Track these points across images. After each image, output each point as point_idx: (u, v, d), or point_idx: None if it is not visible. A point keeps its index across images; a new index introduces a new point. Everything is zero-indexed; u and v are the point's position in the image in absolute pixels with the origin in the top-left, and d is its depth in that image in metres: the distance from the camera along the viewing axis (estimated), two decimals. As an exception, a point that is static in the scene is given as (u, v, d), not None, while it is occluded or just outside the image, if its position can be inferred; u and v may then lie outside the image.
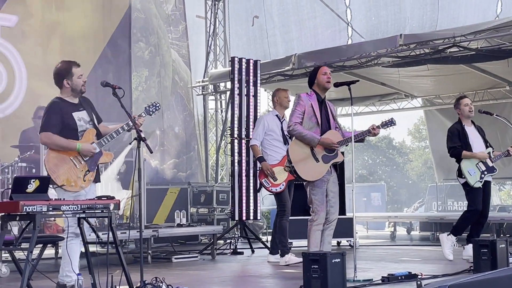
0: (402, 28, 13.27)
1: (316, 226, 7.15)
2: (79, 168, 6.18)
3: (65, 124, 6.20)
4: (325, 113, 7.37)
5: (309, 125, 7.24)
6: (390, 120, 7.56)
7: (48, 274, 6.11)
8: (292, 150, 7.27)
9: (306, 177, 7.21)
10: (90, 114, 6.40)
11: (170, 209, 12.33)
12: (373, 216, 16.49)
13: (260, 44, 15.67)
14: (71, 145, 6.15)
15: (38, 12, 11.99)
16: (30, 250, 5.09)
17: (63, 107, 6.26)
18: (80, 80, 6.31)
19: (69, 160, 6.16)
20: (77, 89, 6.32)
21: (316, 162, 7.19)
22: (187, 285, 5.98)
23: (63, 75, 6.32)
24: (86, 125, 6.33)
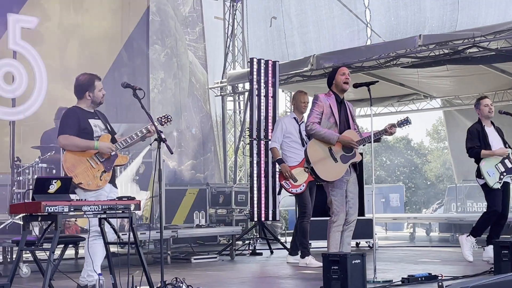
0: (421, 28, 13.23)
1: (335, 227, 7.14)
2: (96, 168, 6.27)
3: (82, 128, 6.32)
4: (344, 114, 7.36)
5: (327, 125, 7.22)
6: (405, 119, 7.56)
7: (68, 274, 6.15)
8: (310, 150, 7.25)
9: (325, 177, 7.19)
10: (105, 124, 6.54)
11: (189, 210, 12.37)
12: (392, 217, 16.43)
13: (278, 45, 15.67)
14: (90, 144, 6.26)
15: (56, 14, 12.05)
16: (52, 250, 5.13)
17: (80, 113, 6.40)
18: (101, 93, 6.48)
19: (86, 160, 6.26)
20: (97, 101, 6.49)
21: (334, 162, 7.18)
22: (206, 286, 6.00)
23: (86, 88, 6.46)
24: (101, 132, 6.45)
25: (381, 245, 12.08)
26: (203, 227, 10.64)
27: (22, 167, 9.37)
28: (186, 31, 15.20)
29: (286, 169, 8.74)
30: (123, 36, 13.13)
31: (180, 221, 12.12)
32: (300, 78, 14.10)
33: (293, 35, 15.50)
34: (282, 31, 15.50)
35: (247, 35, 16.06)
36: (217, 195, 13.61)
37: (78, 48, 12.25)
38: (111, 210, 5.51)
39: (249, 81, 11.44)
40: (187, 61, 15.10)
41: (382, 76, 13.76)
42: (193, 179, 14.47)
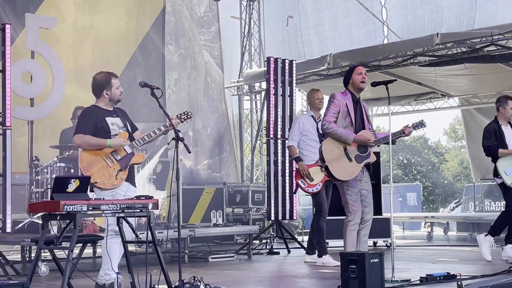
0: (439, 27, 13.16)
1: (352, 226, 7.13)
2: (112, 167, 6.28)
3: (98, 128, 6.34)
4: (360, 113, 7.36)
5: (343, 124, 7.22)
6: (420, 122, 7.57)
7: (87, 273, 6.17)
8: (325, 149, 7.25)
9: (339, 177, 7.19)
10: (123, 121, 6.53)
11: (206, 209, 12.38)
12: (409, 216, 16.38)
13: (294, 44, 15.66)
14: (102, 142, 6.28)
15: (71, 15, 12.09)
16: (71, 249, 5.15)
17: (96, 113, 6.42)
18: (118, 90, 6.48)
19: (102, 159, 6.27)
20: (115, 99, 6.50)
21: (349, 161, 7.18)
22: (224, 285, 6.00)
23: (103, 86, 6.47)
24: (119, 130, 6.45)
25: (399, 244, 12.04)
26: (220, 226, 10.65)
27: (41, 166, 9.41)
28: (201, 31, 15.20)
29: (303, 168, 8.73)
30: (138, 36, 13.16)
31: (197, 220, 12.14)
32: (317, 77, 14.07)
33: (309, 34, 15.48)
34: (298, 30, 15.48)
35: (263, 34, 16.06)
36: (234, 194, 13.61)
37: (92, 49, 12.28)
38: (129, 209, 5.53)
39: (265, 80, 11.43)
40: (202, 61, 15.11)
41: (399, 74, 13.70)
42: (209, 179, 14.48)
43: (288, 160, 10.99)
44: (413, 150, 43.18)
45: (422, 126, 7.56)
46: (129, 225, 5.79)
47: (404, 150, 42.71)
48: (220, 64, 15.64)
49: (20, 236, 8.55)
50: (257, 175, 16.10)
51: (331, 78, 13.82)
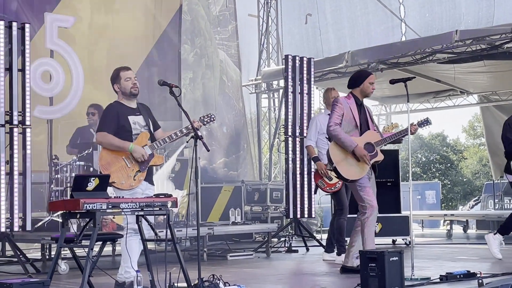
0: (457, 24, 13.10)
1: (371, 221, 7.13)
2: (130, 168, 6.26)
3: (120, 126, 6.31)
4: (364, 115, 7.38)
5: (348, 128, 7.25)
6: (425, 120, 7.61)
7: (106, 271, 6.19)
8: (332, 150, 7.28)
9: (349, 177, 7.21)
10: (146, 120, 6.49)
11: (224, 207, 12.39)
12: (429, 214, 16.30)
13: (312, 42, 15.65)
14: (124, 145, 6.25)
15: (87, 15, 12.13)
16: (91, 247, 5.17)
17: (119, 110, 6.39)
18: (128, 82, 6.40)
19: (121, 159, 6.26)
20: (126, 92, 6.41)
21: (357, 160, 7.18)
22: (243, 283, 6.00)
23: (113, 81, 6.48)
24: (141, 129, 6.42)
25: (418, 242, 11.98)
26: (239, 224, 10.66)
27: (60, 165, 9.46)
28: (216, 30, 15.20)
29: (321, 167, 8.70)
30: (155, 35, 13.18)
31: (215, 219, 12.15)
32: (335, 75, 14.05)
33: (327, 31, 15.46)
34: (317, 28, 15.46)
35: (281, 32, 16.05)
36: (252, 192, 13.61)
37: (108, 49, 12.31)
38: (148, 208, 5.54)
39: (283, 78, 11.42)
40: (217, 60, 15.11)
41: (418, 72, 13.65)
42: (226, 177, 14.46)
43: (306, 158, 10.98)
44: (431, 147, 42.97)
45: (428, 124, 7.61)
46: (148, 223, 5.80)
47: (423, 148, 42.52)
48: (237, 62, 15.64)
49: (40, 234, 8.60)
50: (275, 173, 16.09)
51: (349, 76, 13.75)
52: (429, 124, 7.57)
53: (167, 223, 5.66)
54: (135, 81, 6.45)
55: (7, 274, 7.98)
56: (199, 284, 5.57)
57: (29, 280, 4.56)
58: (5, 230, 8.25)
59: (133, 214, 5.63)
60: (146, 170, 6.35)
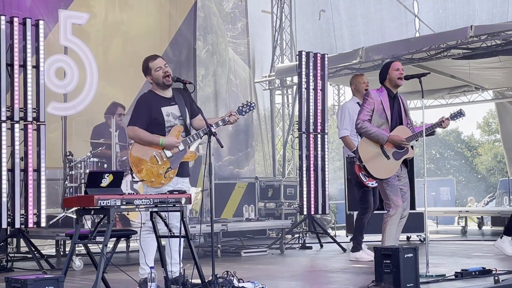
0: (471, 20, 13.02)
1: (393, 220, 7.09)
2: (161, 165, 6.19)
3: (153, 119, 6.21)
4: (397, 109, 7.29)
5: (378, 122, 7.17)
6: (459, 112, 7.46)
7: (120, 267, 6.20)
8: (362, 148, 7.21)
9: (378, 176, 7.16)
10: (182, 109, 6.34)
11: (238, 203, 12.40)
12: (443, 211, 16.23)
13: (326, 38, 15.61)
14: (155, 140, 6.16)
15: (102, 12, 12.16)
16: (105, 244, 5.16)
17: (152, 101, 6.26)
18: (159, 72, 6.26)
19: (153, 156, 6.18)
20: (159, 82, 6.28)
21: (387, 159, 7.13)
22: (257, 280, 5.99)
23: (145, 73, 6.38)
24: (175, 121, 6.30)
25: (432, 239, 11.94)
26: (253, 221, 10.65)
27: (74, 161, 9.48)
28: (227, 28, 15.20)
29: None
30: (171, 32, 13.19)
31: (229, 215, 12.16)
32: (349, 71, 13.99)
33: (341, 28, 15.42)
34: (331, 24, 15.42)
35: (295, 28, 16.02)
36: (266, 189, 13.60)
37: (122, 46, 12.34)
38: (162, 204, 5.53)
39: (297, 75, 11.38)
40: (227, 58, 15.11)
41: (432, 68, 13.57)
42: (231, 175, 14.42)
43: (320, 154, 10.94)
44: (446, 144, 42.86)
45: (461, 116, 7.45)
46: (163, 220, 5.79)
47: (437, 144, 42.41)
48: (247, 60, 15.60)
49: (54, 230, 8.63)
50: (289, 170, 16.07)
51: (364, 72, 13.71)
52: (462, 116, 7.45)
53: (181, 220, 5.64)
54: (166, 69, 6.29)
55: (22, 270, 8.01)
56: (213, 280, 5.56)
57: (44, 276, 4.56)
58: (20, 227, 8.28)
59: (147, 211, 5.63)
60: (177, 167, 6.27)
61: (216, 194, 11.64)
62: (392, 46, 12.96)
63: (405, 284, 5.68)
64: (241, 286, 5.68)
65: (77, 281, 7.13)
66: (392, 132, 7.17)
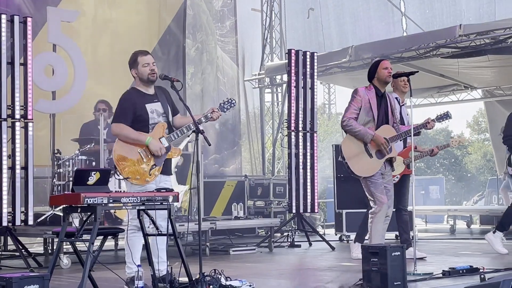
0: (458, 20, 13.07)
1: (378, 217, 7.10)
2: (146, 162, 6.16)
3: (137, 115, 6.18)
4: (385, 108, 7.30)
5: (365, 120, 7.18)
6: (445, 114, 7.49)
7: (108, 265, 6.18)
8: (345, 145, 7.23)
9: (360, 173, 7.18)
10: (165, 106, 6.33)
11: (227, 202, 12.38)
12: (432, 209, 16.26)
13: (315, 36, 15.64)
14: (141, 138, 6.13)
15: (91, 9, 12.11)
16: (92, 242, 5.15)
17: (137, 98, 6.24)
18: (146, 68, 6.25)
19: (137, 152, 6.15)
20: (144, 78, 6.27)
21: (369, 158, 7.14)
22: (245, 278, 5.98)
23: (130, 66, 6.34)
24: (159, 118, 6.28)
25: (421, 237, 11.97)
26: (242, 219, 10.65)
27: (62, 159, 9.43)
28: (216, 26, 15.18)
29: None
30: (160, 30, 13.16)
31: (218, 213, 12.14)
32: (338, 70, 14.01)
33: (330, 26, 15.46)
34: (319, 23, 15.45)
35: (284, 26, 16.02)
36: (255, 187, 13.59)
37: (111, 43, 12.29)
38: (149, 202, 5.51)
39: (287, 73, 11.37)
40: (216, 56, 15.09)
41: (421, 66, 13.59)
42: (217, 173, 14.39)
43: (309, 152, 10.95)
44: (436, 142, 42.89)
45: (447, 118, 7.48)
46: (150, 218, 5.78)
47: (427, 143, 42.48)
48: (235, 58, 15.58)
49: (42, 228, 8.59)
50: (278, 168, 16.07)
51: (353, 71, 13.75)
52: (449, 118, 7.48)
53: (168, 218, 5.64)
54: (153, 67, 6.29)
55: (9, 269, 7.98)
56: (200, 278, 5.55)
57: (29, 274, 4.55)
58: (7, 225, 8.24)
59: (134, 209, 5.61)
60: (162, 164, 6.25)
61: (205, 192, 11.66)
62: (382, 45, 12.98)
63: (392, 282, 5.69)
64: (228, 284, 5.66)
65: (64, 279, 7.11)
66: (377, 131, 7.18)
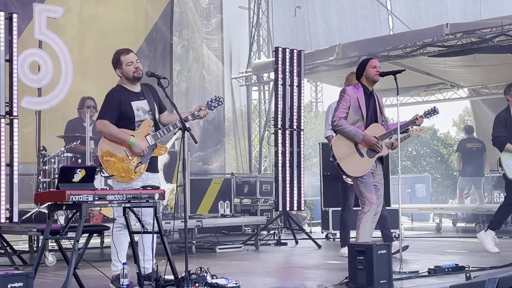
0: (444, 20, 13.10)
1: (368, 217, 7.10)
2: (131, 159, 6.12)
3: (122, 112, 6.14)
4: (373, 106, 7.30)
5: (354, 119, 7.18)
6: (432, 109, 7.49)
7: (93, 263, 6.16)
8: (336, 146, 7.22)
9: (352, 173, 7.17)
10: (151, 104, 6.30)
11: (214, 199, 12.36)
12: (418, 208, 16.30)
13: (301, 34, 15.66)
14: (125, 137, 6.08)
15: (77, 6, 12.05)
16: (77, 239, 5.12)
17: (122, 95, 6.20)
18: (130, 67, 6.22)
19: (122, 150, 6.11)
20: (130, 77, 6.24)
21: (361, 157, 7.14)
22: (231, 276, 5.97)
23: (114, 66, 6.30)
24: (145, 115, 6.25)
25: (407, 236, 11.99)
26: (228, 217, 10.64)
27: (48, 156, 9.38)
28: (203, 23, 15.16)
29: None
30: (147, 27, 13.11)
31: (205, 211, 12.12)
32: (326, 68, 14.01)
33: (316, 24, 15.48)
34: (306, 21, 15.47)
35: (272, 24, 16.01)
36: (242, 185, 13.58)
37: (97, 40, 12.23)
38: (135, 200, 5.49)
39: (274, 71, 11.37)
40: (201, 54, 15.07)
41: (408, 65, 13.62)
42: (200, 171, 14.38)
43: (296, 150, 10.94)
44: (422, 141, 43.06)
45: (435, 114, 7.48)
46: (135, 216, 5.75)
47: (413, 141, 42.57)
48: (220, 56, 15.55)
49: (27, 226, 8.54)
50: (265, 166, 16.07)
51: (340, 69, 13.75)
52: (436, 113, 7.48)
53: (154, 215, 5.62)
54: (138, 64, 6.25)
55: (-7, 266, 7.94)
56: (186, 276, 5.53)
57: (13, 272, 4.51)
58: (-8, 222, 8.20)
59: (120, 206, 5.58)
60: (148, 162, 6.21)
61: (192, 190, 11.63)
62: (369, 43, 12.99)
63: (378, 281, 5.70)
64: (214, 282, 5.65)
65: (50, 277, 7.07)
66: (367, 129, 7.18)
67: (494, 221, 8.71)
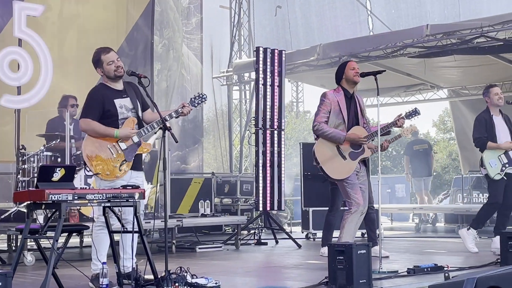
0: (424, 21, 13.18)
1: (353, 217, 7.13)
2: (116, 157, 6.10)
3: (105, 110, 6.12)
4: (354, 109, 7.34)
5: (335, 122, 7.21)
6: (414, 110, 7.53)
7: (73, 263, 6.12)
8: (318, 150, 7.24)
9: (335, 176, 7.20)
10: (134, 102, 6.28)
11: (194, 199, 12.34)
12: (398, 208, 16.37)
13: (282, 34, 15.68)
14: (109, 132, 6.07)
15: (57, 4, 11.98)
16: (56, 239, 5.09)
17: (105, 93, 6.18)
18: (111, 66, 6.19)
19: (107, 148, 6.09)
20: (111, 76, 6.21)
21: (343, 160, 7.17)
22: (211, 275, 5.97)
23: (95, 65, 6.27)
24: (128, 113, 6.23)
25: (387, 236, 12.04)
26: (208, 217, 10.62)
27: (27, 155, 9.32)
28: (183, 23, 15.13)
29: None
30: (128, 26, 13.07)
31: (185, 210, 12.10)
32: (307, 68, 14.03)
33: (297, 24, 15.51)
34: (286, 21, 15.50)
35: (253, 24, 16.01)
36: (222, 184, 13.57)
37: (77, 39, 12.17)
38: (115, 199, 5.47)
39: (255, 70, 11.36)
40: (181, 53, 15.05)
41: (388, 66, 13.69)
42: (178, 170, 14.36)
43: (276, 150, 10.95)
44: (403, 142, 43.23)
45: (416, 115, 7.53)
46: (115, 215, 5.73)
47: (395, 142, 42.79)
48: (200, 55, 15.53)
49: (6, 225, 8.49)
50: (245, 166, 16.07)
51: (321, 69, 13.78)
52: (418, 114, 7.52)
53: (134, 215, 5.60)
54: (119, 63, 6.22)
55: (-28, 266, 7.88)
56: (166, 276, 5.52)
57: (-8, 272, 4.48)
58: (-30, 221, 8.13)
59: (100, 206, 5.56)
60: (132, 159, 6.19)
61: (172, 189, 11.60)
62: (350, 44, 13.03)
63: (357, 280, 5.72)
64: (194, 282, 5.64)
65: (29, 277, 7.03)
66: (348, 132, 7.22)
67: (476, 220, 8.76)
